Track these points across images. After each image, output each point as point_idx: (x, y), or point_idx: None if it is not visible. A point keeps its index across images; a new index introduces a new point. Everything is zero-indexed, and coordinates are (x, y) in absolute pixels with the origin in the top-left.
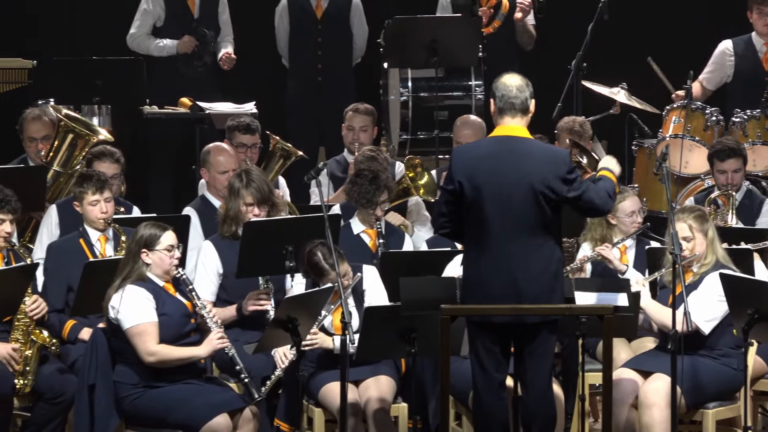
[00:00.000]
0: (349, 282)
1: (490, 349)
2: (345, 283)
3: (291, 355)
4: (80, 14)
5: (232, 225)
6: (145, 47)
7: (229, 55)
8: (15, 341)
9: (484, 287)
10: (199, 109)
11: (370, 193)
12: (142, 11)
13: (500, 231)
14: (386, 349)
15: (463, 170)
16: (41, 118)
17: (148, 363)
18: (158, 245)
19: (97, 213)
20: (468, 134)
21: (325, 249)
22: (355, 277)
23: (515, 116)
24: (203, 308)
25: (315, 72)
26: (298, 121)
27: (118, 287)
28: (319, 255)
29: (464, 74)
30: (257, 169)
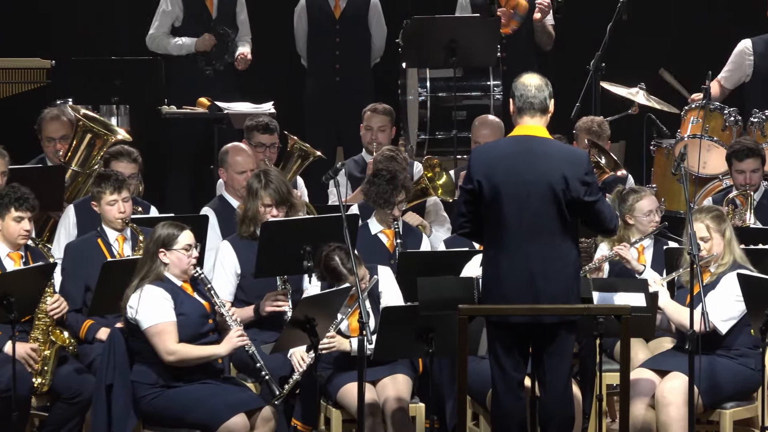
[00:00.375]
0: (366, 285)
1: (508, 349)
2: (362, 286)
3: (309, 358)
4: (99, 14)
5: (250, 225)
6: (164, 46)
7: (245, 56)
8: (34, 341)
9: (502, 287)
10: (218, 109)
11: (388, 193)
12: (161, 12)
13: (518, 231)
14: (403, 349)
15: (482, 170)
16: (60, 117)
17: (168, 362)
18: (176, 245)
19: (115, 213)
20: (486, 134)
21: (343, 253)
22: (372, 279)
23: (534, 116)
24: (222, 306)
25: (333, 72)
26: (316, 121)
27: (136, 287)
28: (337, 260)
29: (482, 74)
30: (276, 169)
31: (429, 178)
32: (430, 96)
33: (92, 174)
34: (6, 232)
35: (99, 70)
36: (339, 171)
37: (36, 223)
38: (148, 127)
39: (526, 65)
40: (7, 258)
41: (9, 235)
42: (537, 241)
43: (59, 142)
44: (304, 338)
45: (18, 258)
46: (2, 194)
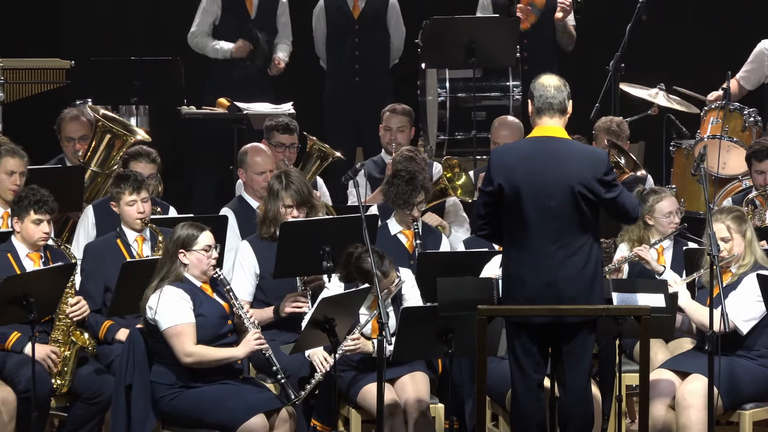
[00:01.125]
0: (394, 289)
1: (528, 349)
2: (392, 290)
3: (331, 359)
4: (118, 14)
5: (270, 226)
6: (203, 47)
7: (278, 62)
8: (54, 342)
9: (522, 287)
10: (237, 110)
11: (407, 194)
12: (201, 9)
13: (539, 231)
14: (423, 350)
15: (502, 171)
16: (79, 118)
17: (186, 364)
18: (195, 245)
19: (134, 213)
20: (506, 135)
21: (376, 256)
22: (398, 282)
23: (553, 116)
24: (240, 308)
25: (352, 73)
26: (335, 122)
27: (156, 288)
28: (369, 261)
29: (502, 75)
30: (296, 170)
31: (448, 178)
32: (450, 96)
33: (111, 174)
34: (25, 234)
35: (118, 71)
36: (358, 172)
37: (55, 223)
38: (167, 128)
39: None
40: (26, 258)
41: (28, 237)
42: (558, 242)
43: (78, 142)
44: (323, 339)
45: (38, 258)
46: (21, 197)
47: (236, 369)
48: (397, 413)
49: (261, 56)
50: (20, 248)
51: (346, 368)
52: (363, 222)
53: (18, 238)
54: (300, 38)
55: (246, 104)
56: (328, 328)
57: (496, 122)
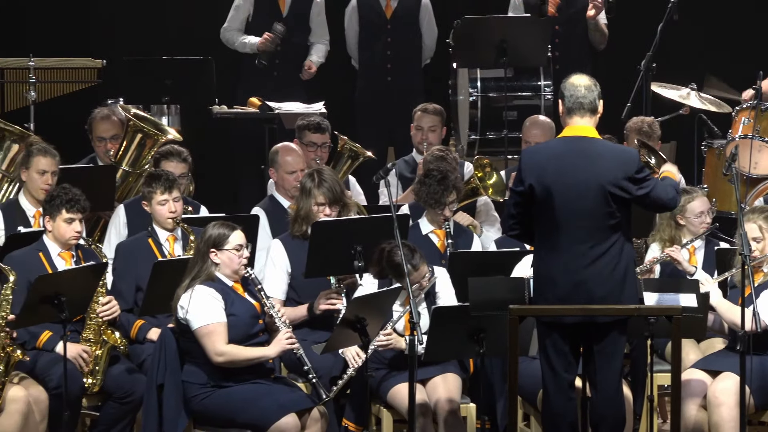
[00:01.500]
0: (426, 284)
1: (559, 349)
2: (424, 284)
3: (363, 354)
4: (150, 13)
5: (302, 224)
6: (232, 41)
7: (310, 67)
8: (86, 341)
9: (554, 287)
10: (269, 109)
11: (439, 194)
12: (234, 6)
13: (570, 231)
14: (455, 350)
15: (533, 171)
16: (110, 117)
17: (217, 363)
18: (227, 245)
19: (166, 212)
20: (537, 134)
21: (407, 249)
22: (432, 279)
23: (584, 116)
24: (272, 308)
25: (384, 72)
26: (366, 122)
27: (187, 287)
28: (401, 255)
29: (533, 74)
30: (329, 168)
31: (479, 177)
32: (481, 96)
33: (142, 174)
34: (57, 233)
35: (150, 70)
36: (390, 171)
37: (86, 223)
38: (198, 127)
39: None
40: (58, 257)
41: (60, 236)
42: (589, 242)
43: (110, 141)
44: (355, 338)
45: (69, 258)
46: (53, 195)
47: (267, 368)
48: (427, 413)
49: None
50: (52, 247)
51: (378, 366)
52: (394, 222)
53: (50, 237)
54: (332, 37)
55: (277, 104)
56: (360, 328)
57: (528, 122)
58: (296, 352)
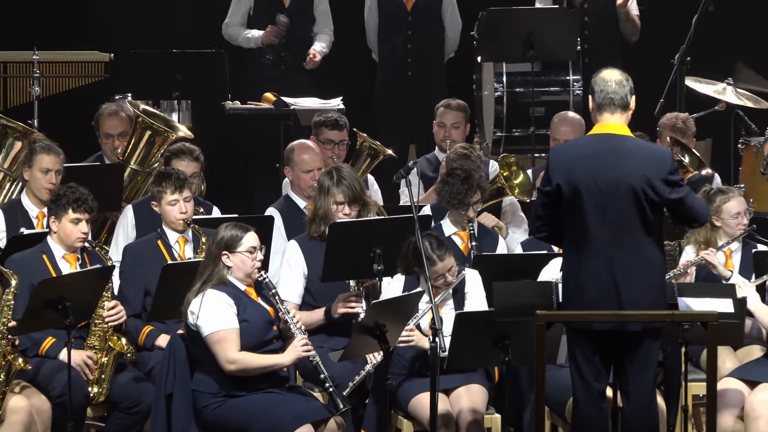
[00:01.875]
0: (453, 279)
1: (589, 357)
2: (449, 279)
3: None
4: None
5: (320, 224)
6: (236, 37)
7: (314, 56)
8: (90, 348)
9: (583, 292)
10: (284, 105)
11: (462, 194)
12: (235, 0)
13: (600, 233)
14: (479, 357)
15: (561, 170)
16: (118, 113)
17: (229, 371)
18: (240, 247)
19: (176, 213)
20: (566, 131)
21: (433, 239)
22: (460, 275)
23: (614, 113)
24: (287, 313)
25: (405, 66)
26: (386, 118)
27: (198, 291)
28: (427, 244)
29: (562, 68)
30: (348, 166)
31: (505, 177)
32: (507, 91)
33: (152, 173)
34: (62, 234)
35: (159, 64)
36: (411, 170)
37: (93, 224)
38: (210, 124)
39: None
40: (62, 260)
41: (66, 238)
42: (619, 244)
43: (117, 139)
44: (374, 345)
45: (74, 260)
46: (59, 194)
47: (282, 377)
48: (450, 424)
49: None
50: (56, 249)
51: (399, 372)
52: (416, 223)
53: (54, 238)
54: (351, 30)
55: (293, 99)
56: (379, 335)
57: (556, 118)
58: (312, 360)
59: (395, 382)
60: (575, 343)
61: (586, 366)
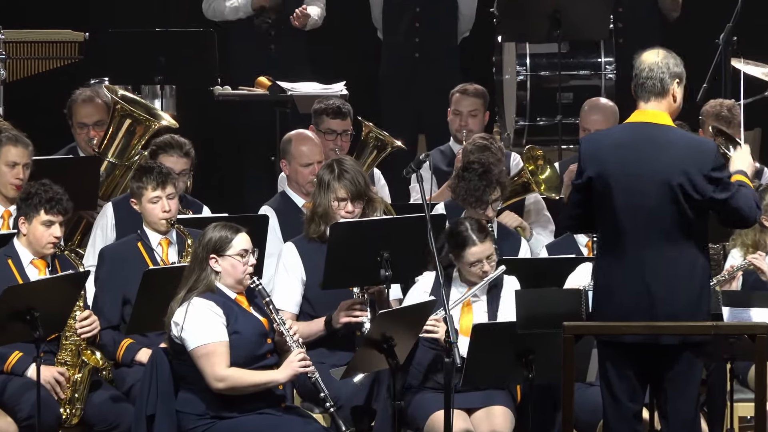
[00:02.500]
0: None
1: (622, 374)
2: (486, 268)
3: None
4: None
5: (320, 224)
6: (221, 11)
7: (303, 10)
8: (62, 364)
9: (613, 300)
10: (280, 90)
11: (480, 190)
12: None
13: (633, 234)
14: (498, 374)
15: (592, 162)
16: (93, 100)
17: (217, 390)
18: (229, 250)
19: (158, 212)
20: (597, 120)
21: (473, 221)
22: (498, 269)
23: (650, 100)
24: (282, 324)
25: (413, 47)
26: (394, 105)
27: (183, 300)
28: (467, 224)
29: (592, 49)
30: (351, 158)
31: (531, 171)
32: (531, 75)
33: (131, 166)
34: (32, 237)
35: (140, 44)
36: (422, 163)
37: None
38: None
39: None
40: (30, 266)
41: (35, 242)
42: (654, 247)
43: (93, 128)
44: (381, 361)
45: (43, 266)
46: (31, 193)
47: (277, 396)
48: None
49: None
50: (23, 254)
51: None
52: (428, 223)
53: (22, 241)
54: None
55: (290, 84)
56: (387, 348)
57: (586, 106)
58: (311, 377)
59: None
60: (606, 358)
61: (618, 383)
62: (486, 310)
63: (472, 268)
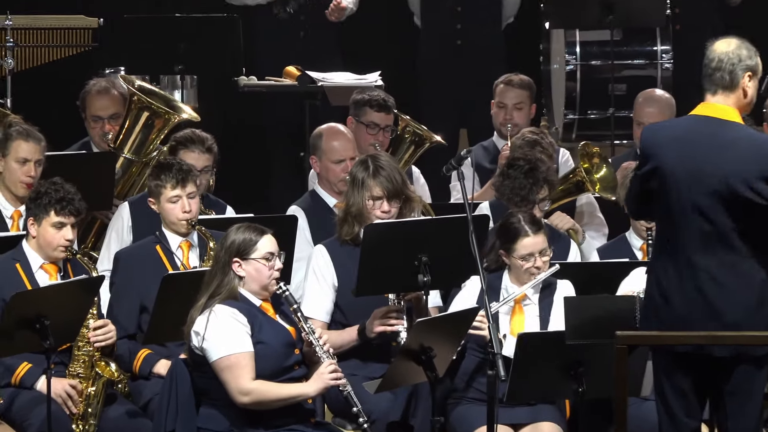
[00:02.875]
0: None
1: (679, 387)
2: (539, 263)
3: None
4: None
5: (353, 225)
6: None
7: (338, 3)
8: (74, 376)
9: (665, 307)
10: (310, 81)
11: (526, 189)
12: None
13: (689, 235)
14: (546, 388)
15: (653, 153)
16: (108, 91)
17: (242, 404)
18: (254, 253)
19: (178, 212)
20: (652, 113)
21: (526, 214)
22: (552, 267)
23: (716, 93)
24: (311, 333)
25: (454, 34)
26: (433, 97)
27: (204, 307)
28: (519, 216)
29: (647, 37)
30: (387, 155)
31: (585, 170)
32: (581, 65)
33: (149, 163)
34: (42, 240)
35: (159, 31)
36: (463, 160)
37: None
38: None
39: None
40: (40, 270)
41: (46, 244)
42: (711, 251)
43: (108, 122)
44: (418, 373)
45: (54, 271)
46: (40, 192)
47: (306, 410)
48: None
49: None
50: (33, 258)
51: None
52: (469, 224)
53: (32, 244)
54: None
55: (321, 74)
56: (425, 360)
57: (641, 97)
58: (343, 390)
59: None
60: (662, 371)
61: (674, 398)
62: (538, 315)
63: (524, 264)
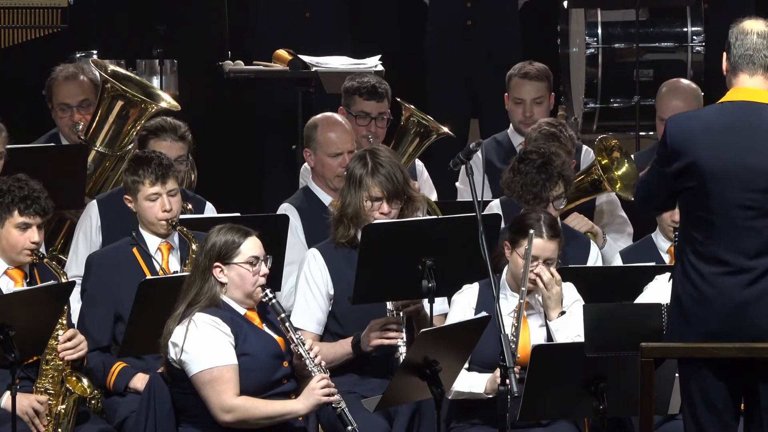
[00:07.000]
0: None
1: (710, 402)
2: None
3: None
4: None
5: (349, 227)
6: None
7: None
8: (42, 392)
9: (698, 313)
10: (303, 66)
11: (539, 185)
12: None
13: (729, 236)
14: (563, 405)
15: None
16: (77, 77)
17: (225, 422)
18: (236, 257)
19: (158, 211)
20: (677, 106)
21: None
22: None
23: (755, 74)
24: (301, 344)
25: (464, 13)
26: (440, 84)
27: (182, 316)
28: (541, 215)
29: (677, 17)
30: (386, 149)
31: (604, 166)
32: (603, 48)
33: (124, 157)
34: (5, 243)
35: (135, 11)
36: (473, 153)
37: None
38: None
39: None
40: (4, 276)
41: (9, 248)
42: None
43: (78, 111)
44: (422, 389)
45: (20, 277)
46: (2, 191)
47: (296, 429)
48: None
49: None
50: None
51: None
52: (479, 224)
53: None
54: None
55: (315, 58)
56: (430, 374)
57: (664, 88)
58: (336, 407)
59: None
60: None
61: (705, 414)
62: (543, 324)
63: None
